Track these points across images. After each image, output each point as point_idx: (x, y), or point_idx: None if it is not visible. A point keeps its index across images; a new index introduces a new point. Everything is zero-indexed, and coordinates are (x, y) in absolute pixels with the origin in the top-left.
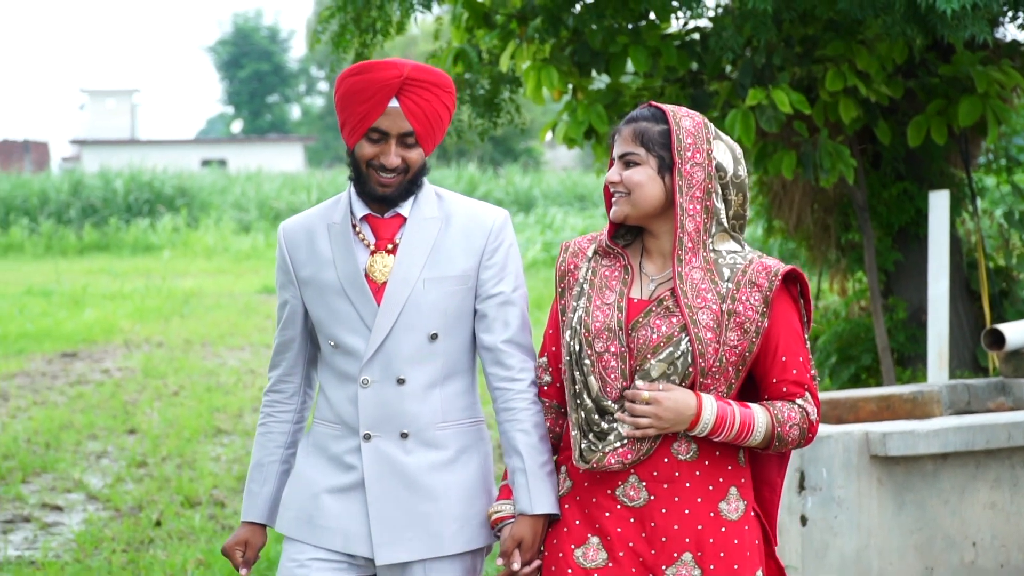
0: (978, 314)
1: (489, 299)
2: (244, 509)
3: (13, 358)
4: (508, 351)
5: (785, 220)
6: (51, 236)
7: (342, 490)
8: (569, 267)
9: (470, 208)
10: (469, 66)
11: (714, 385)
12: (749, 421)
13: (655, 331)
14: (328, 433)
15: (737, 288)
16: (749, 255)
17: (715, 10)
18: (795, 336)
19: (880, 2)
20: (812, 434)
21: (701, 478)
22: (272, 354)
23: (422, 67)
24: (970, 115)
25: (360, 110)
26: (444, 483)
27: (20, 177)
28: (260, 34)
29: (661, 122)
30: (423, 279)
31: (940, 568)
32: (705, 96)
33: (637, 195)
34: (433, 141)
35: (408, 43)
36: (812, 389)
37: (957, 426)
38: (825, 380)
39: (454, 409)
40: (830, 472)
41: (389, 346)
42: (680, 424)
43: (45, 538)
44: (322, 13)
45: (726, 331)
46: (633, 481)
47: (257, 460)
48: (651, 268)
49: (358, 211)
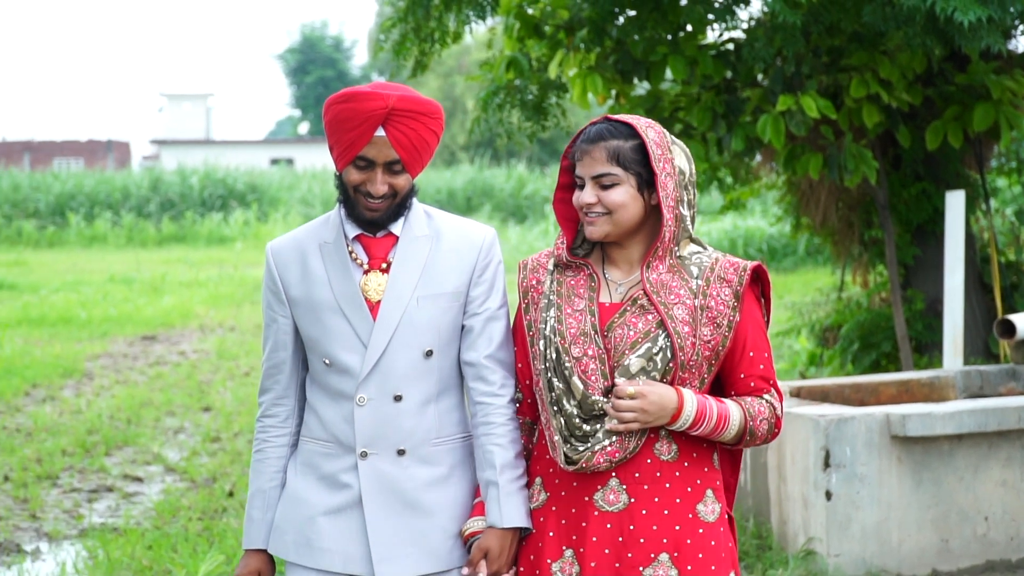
0: (990, 305)
1: (476, 315)
2: (249, 537)
3: (98, 340)
4: (490, 366)
5: (812, 217)
6: (132, 229)
7: (338, 510)
8: (531, 283)
9: (459, 226)
10: (520, 73)
11: (688, 380)
12: (725, 415)
13: (632, 328)
14: (319, 451)
15: (707, 284)
16: (713, 254)
17: (748, 23)
18: (760, 332)
19: (901, 15)
20: (778, 429)
21: (681, 479)
22: (262, 378)
23: (408, 97)
24: (984, 121)
25: (347, 138)
26: (439, 499)
27: (104, 174)
28: (325, 43)
29: (631, 137)
30: (416, 297)
31: (954, 540)
32: (738, 102)
33: (620, 215)
34: (420, 165)
35: (462, 51)
36: (776, 385)
37: (971, 409)
38: (848, 366)
39: (448, 424)
40: (853, 450)
41: (385, 363)
42: (663, 418)
43: (127, 507)
44: (384, 23)
45: (700, 326)
46: (613, 485)
47: (257, 487)
48: (617, 274)
49: (350, 231)
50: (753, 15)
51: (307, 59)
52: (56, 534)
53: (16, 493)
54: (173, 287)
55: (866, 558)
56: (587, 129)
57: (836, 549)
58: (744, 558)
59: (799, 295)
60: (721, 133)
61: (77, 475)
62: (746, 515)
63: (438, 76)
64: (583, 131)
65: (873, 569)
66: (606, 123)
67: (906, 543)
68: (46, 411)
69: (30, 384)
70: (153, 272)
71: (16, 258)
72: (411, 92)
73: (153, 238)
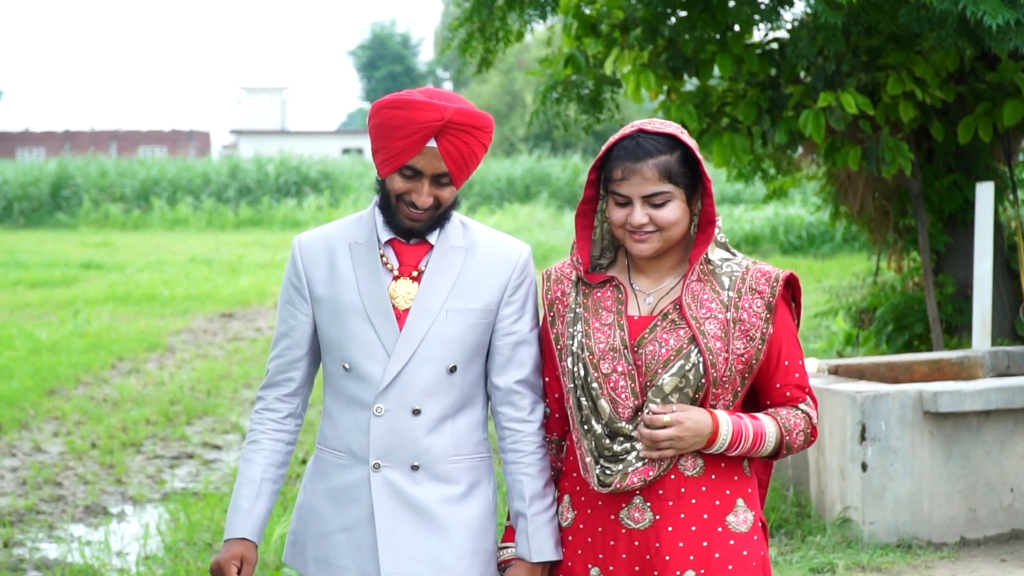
0: (1017, 290)
1: (507, 337)
2: (234, 526)
3: (179, 317)
4: (521, 391)
5: (850, 206)
6: (212, 213)
7: (352, 526)
8: (556, 294)
9: (495, 239)
10: (577, 69)
11: (722, 395)
12: (761, 432)
13: (663, 345)
14: (333, 462)
15: (739, 296)
16: (743, 262)
17: (792, 23)
18: (794, 340)
19: (935, 17)
20: (814, 437)
21: (707, 493)
22: (270, 372)
23: (464, 110)
24: (1013, 116)
25: (397, 145)
26: (454, 518)
27: (186, 162)
28: (394, 40)
29: (673, 148)
30: (446, 310)
31: (981, 510)
32: (782, 98)
33: (672, 232)
34: (465, 177)
35: (522, 49)
36: (811, 392)
37: (999, 387)
38: (882, 346)
39: (466, 443)
40: (888, 425)
41: (407, 376)
42: (698, 443)
43: (206, 473)
44: (452, 23)
45: (733, 340)
46: (637, 502)
47: (249, 476)
48: (644, 283)
49: (383, 235)
50: (797, 16)
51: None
52: (140, 498)
53: (103, 459)
54: (250, 268)
55: (899, 526)
56: (623, 144)
57: (871, 517)
58: (784, 525)
59: (836, 279)
60: (765, 127)
61: (160, 443)
62: (786, 485)
63: (499, 72)
64: (617, 145)
65: (905, 536)
66: (645, 136)
67: (936, 512)
68: (131, 383)
69: (116, 357)
70: (231, 254)
71: (103, 240)
72: (466, 104)
73: (231, 222)
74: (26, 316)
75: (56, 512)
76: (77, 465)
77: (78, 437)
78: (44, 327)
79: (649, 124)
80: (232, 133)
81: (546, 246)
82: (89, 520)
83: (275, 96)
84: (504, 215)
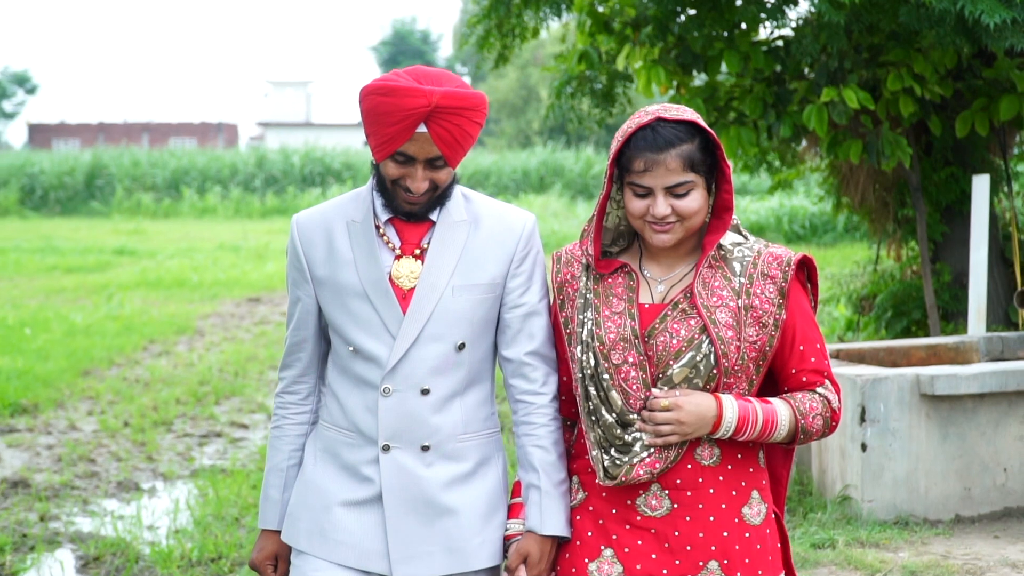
0: (1011, 278)
1: (515, 309)
2: (267, 517)
3: (208, 302)
4: (532, 363)
5: (851, 197)
6: (239, 201)
7: (358, 504)
8: (566, 277)
9: (498, 211)
10: (590, 64)
11: (736, 383)
12: (772, 417)
13: (674, 336)
14: (341, 440)
15: (751, 282)
16: (755, 245)
17: (796, 21)
18: (810, 323)
19: (934, 16)
20: (836, 422)
21: (724, 483)
22: (284, 354)
23: (452, 93)
24: (1008, 111)
25: (387, 132)
26: (464, 497)
27: (214, 152)
28: (414, 36)
29: (692, 136)
30: (452, 286)
31: (976, 488)
32: (786, 93)
33: (694, 220)
34: (461, 156)
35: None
36: (831, 376)
37: (993, 371)
38: (882, 331)
39: (475, 420)
40: (887, 407)
41: (414, 355)
42: (703, 428)
43: (233, 451)
44: (470, 20)
45: (745, 327)
46: (655, 490)
47: (275, 464)
48: (655, 270)
49: (382, 214)
50: (801, 14)
51: (398, 51)
52: (170, 474)
53: (135, 437)
54: (276, 254)
55: (896, 504)
56: (643, 134)
57: (870, 495)
58: (787, 503)
59: (838, 267)
60: (771, 121)
61: (189, 421)
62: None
63: (515, 67)
64: (636, 134)
65: (902, 514)
66: (664, 125)
67: (932, 491)
68: (162, 364)
69: (148, 340)
70: (258, 241)
71: (135, 227)
72: (454, 85)
73: (258, 210)
74: (62, 300)
75: (90, 487)
76: (110, 443)
77: (111, 416)
78: (79, 311)
79: (665, 111)
80: (259, 125)
81: (559, 235)
82: (121, 495)
83: (300, 90)
84: (519, 205)
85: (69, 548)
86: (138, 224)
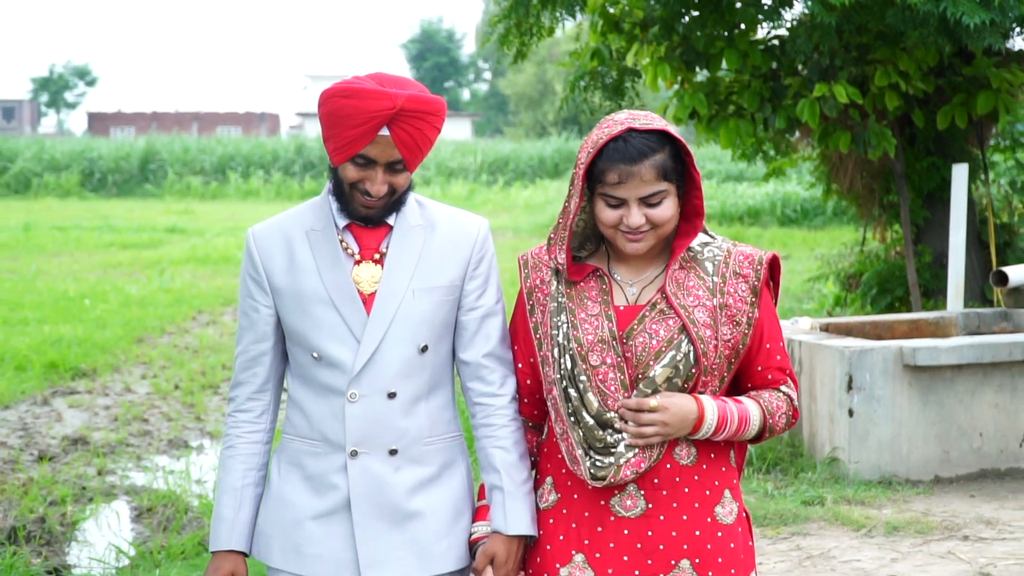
0: (987, 259)
1: (472, 311)
2: (220, 537)
3: None
4: (490, 365)
5: (840, 184)
6: (280, 185)
7: (326, 515)
8: (535, 282)
9: (452, 216)
10: (602, 61)
11: (709, 382)
12: (745, 416)
13: (654, 336)
14: (306, 450)
15: (724, 281)
16: (723, 244)
17: (791, 22)
18: (775, 323)
19: (919, 18)
20: (795, 420)
21: (699, 482)
22: (236, 371)
23: (416, 96)
24: (985, 106)
25: (347, 135)
26: (430, 501)
27: (258, 140)
28: (440, 35)
29: (663, 145)
30: (412, 289)
31: (954, 452)
32: (781, 88)
33: (667, 228)
34: (419, 161)
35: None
36: (792, 374)
37: (970, 344)
38: (867, 307)
39: (439, 423)
40: (872, 376)
41: (379, 359)
42: (684, 429)
43: None
44: (491, 19)
45: (720, 326)
46: (631, 490)
47: (228, 484)
48: (625, 273)
49: (340, 220)
50: (795, 16)
51: (425, 48)
52: (217, 433)
53: (184, 399)
54: None
55: (880, 465)
56: (614, 145)
57: (856, 457)
58: (779, 463)
59: (827, 248)
60: (767, 114)
61: None
62: None
63: (533, 63)
64: (608, 146)
65: (886, 474)
66: (636, 135)
67: (914, 454)
68: (209, 333)
69: (196, 311)
70: None
71: (185, 208)
72: (417, 89)
73: (297, 193)
74: (118, 274)
75: (143, 445)
76: (162, 404)
77: (163, 380)
78: (134, 284)
79: (634, 120)
80: (298, 115)
81: None
82: (172, 452)
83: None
84: (536, 189)
85: (124, 500)
86: (188, 205)
